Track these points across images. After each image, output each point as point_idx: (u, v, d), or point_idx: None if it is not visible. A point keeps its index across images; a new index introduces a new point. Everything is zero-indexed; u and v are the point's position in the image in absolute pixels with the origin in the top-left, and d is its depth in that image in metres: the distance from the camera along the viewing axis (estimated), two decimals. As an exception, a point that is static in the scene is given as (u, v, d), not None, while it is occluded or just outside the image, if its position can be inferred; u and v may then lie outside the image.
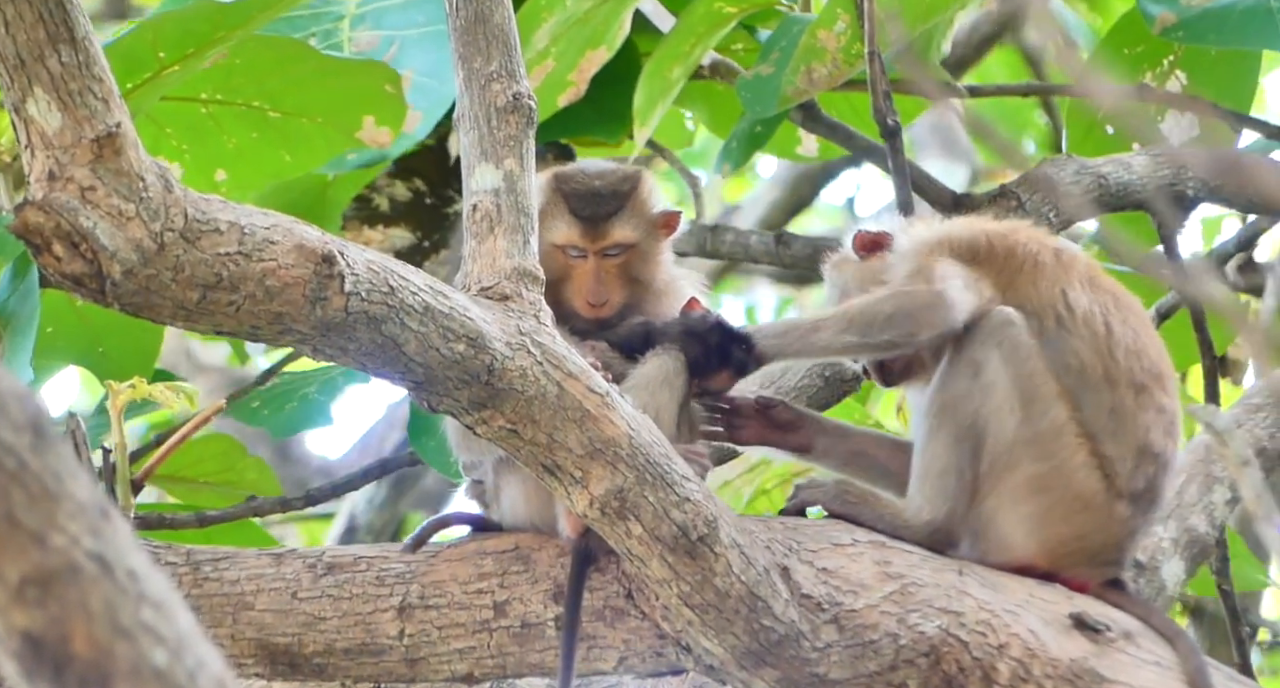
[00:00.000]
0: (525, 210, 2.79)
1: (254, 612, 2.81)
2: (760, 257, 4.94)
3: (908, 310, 2.85)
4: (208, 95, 4.28)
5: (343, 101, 4.31)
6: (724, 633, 2.71)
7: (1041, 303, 2.89)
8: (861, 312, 2.87)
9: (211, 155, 4.33)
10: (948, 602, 2.73)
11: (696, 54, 4.54)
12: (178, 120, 4.28)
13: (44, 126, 2.44)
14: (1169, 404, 2.89)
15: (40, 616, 1.60)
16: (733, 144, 4.57)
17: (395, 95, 4.35)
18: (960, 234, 2.98)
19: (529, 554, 2.86)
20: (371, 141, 4.39)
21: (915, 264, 2.94)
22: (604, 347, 2.92)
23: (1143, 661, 2.64)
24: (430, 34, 4.64)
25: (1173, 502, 3.11)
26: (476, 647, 2.83)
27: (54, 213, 2.44)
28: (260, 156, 4.35)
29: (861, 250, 3.07)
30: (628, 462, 2.67)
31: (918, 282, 2.90)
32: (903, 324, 2.84)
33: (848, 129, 4.70)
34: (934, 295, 2.85)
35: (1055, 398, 2.83)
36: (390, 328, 2.61)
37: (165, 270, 2.51)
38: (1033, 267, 2.92)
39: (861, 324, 2.86)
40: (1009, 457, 2.82)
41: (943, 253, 2.93)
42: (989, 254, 2.94)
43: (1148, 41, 4.44)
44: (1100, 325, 2.87)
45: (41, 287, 3.92)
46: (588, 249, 2.98)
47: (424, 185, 5.09)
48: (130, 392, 3.19)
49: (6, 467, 1.60)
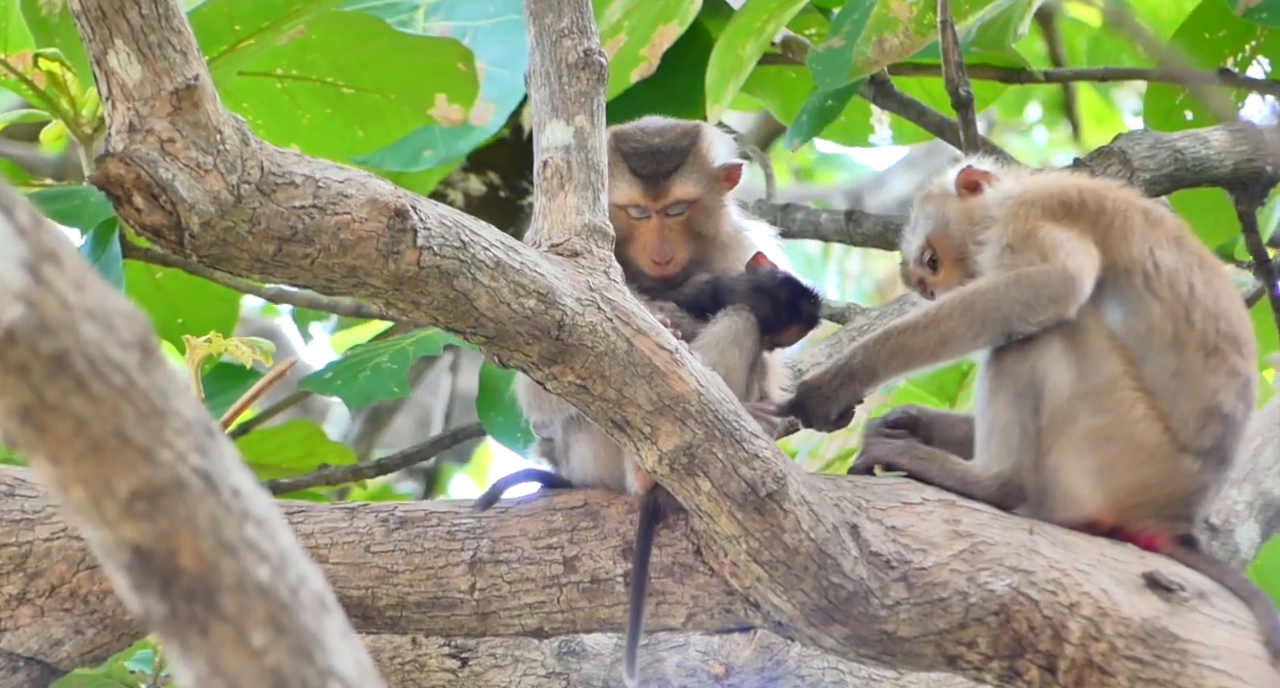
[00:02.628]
0: (596, 167, 2.80)
1: (328, 565, 2.84)
2: (831, 235, 4.93)
3: (1045, 295, 2.77)
4: (283, 70, 4.33)
5: (416, 78, 4.35)
6: (793, 590, 2.71)
7: (1132, 260, 2.86)
8: (986, 300, 2.79)
9: (286, 130, 4.38)
10: (1018, 560, 2.72)
11: (769, 30, 4.54)
12: (253, 95, 4.33)
13: (124, 78, 2.48)
14: (1244, 368, 2.85)
15: (149, 529, 1.63)
16: (803, 118, 4.56)
17: (468, 73, 4.38)
18: (1051, 188, 2.93)
19: (598, 511, 2.87)
20: (444, 119, 4.42)
21: (1016, 229, 2.87)
22: (673, 306, 2.93)
23: (1217, 620, 2.61)
24: (503, 24, 4.66)
25: (1248, 465, 3.07)
26: (546, 602, 2.84)
27: (134, 164, 2.48)
28: (334, 132, 4.40)
29: (963, 188, 3.01)
30: (696, 418, 2.68)
31: (1029, 255, 2.82)
32: (1039, 310, 2.78)
33: (920, 105, 4.69)
34: (1064, 275, 2.78)
35: (1109, 352, 2.81)
36: (462, 283, 2.63)
37: (242, 223, 2.54)
38: (1123, 223, 2.88)
39: (984, 315, 2.79)
40: (1068, 410, 2.79)
41: (1036, 212, 2.88)
42: (1081, 209, 2.89)
43: (1230, 25, 4.38)
44: (1184, 286, 2.84)
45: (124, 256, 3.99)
46: (650, 208, 2.98)
47: (498, 178, 5.12)
48: (206, 347, 3.23)
49: (115, 383, 1.62)
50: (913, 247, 3.03)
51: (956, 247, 2.98)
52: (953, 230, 2.97)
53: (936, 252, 3.00)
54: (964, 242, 2.97)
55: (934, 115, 4.65)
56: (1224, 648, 2.57)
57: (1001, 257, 2.86)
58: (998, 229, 2.90)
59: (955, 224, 2.97)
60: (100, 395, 1.62)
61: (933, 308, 2.86)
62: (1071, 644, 2.64)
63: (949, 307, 2.83)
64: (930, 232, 3.00)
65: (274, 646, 1.62)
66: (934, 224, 3.01)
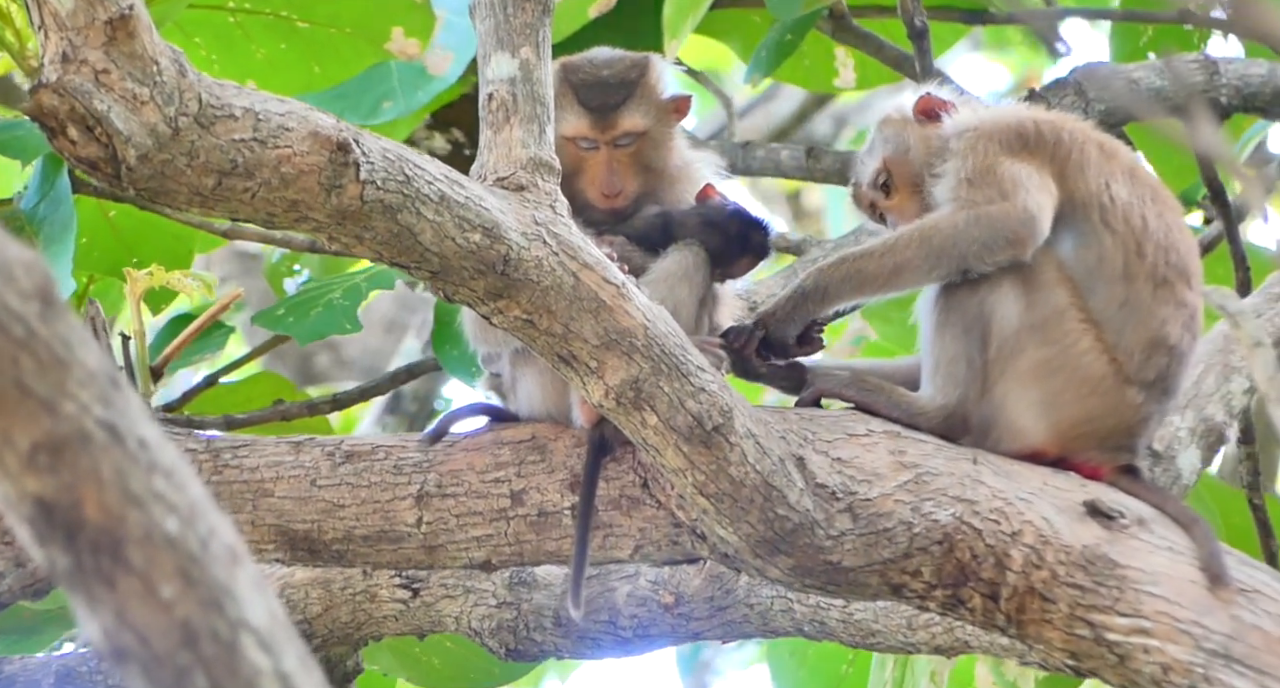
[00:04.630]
0: (541, 100, 2.78)
1: (273, 499, 2.84)
2: (791, 172, 4.92)
3: (1003, 236, 2.77)
4: (235, 4, 4.28)
5: (371, 12, 4.30)
6: (739, 522, 2.73)
7: (1089, 193, 2.86)
8: (944, 235, 2.79)
9: (240, 66, 4.32)
10: (962, 490, 2.73)
11: (727, -36, 4.51)
12: (205, 29, 4.28)
13: (56, 7, 2.44)
14: (1191, 299, 2.87)
15: (51, 482, 1.62)
16: (761, 53, 4.54)
17: (424, 6, 4.33)
18: (1008, 120, 2.92)
19: (545, 444, 2.88)
20: (400, 53, 4.38)
21: (975, 162, 2.85)
22: (622, 240, 2.92)
23: (1155, 546, 2.64)
24: (461, -28, 4.61)
25: (1190, 391, 3.09)
26: (494, 535, 2.85)
27: (68, 95, 2.45)
28: (289, 67, 4.35)
29: (922, 115, 2.99)
30: (643, 352, 2.68)
31: (989, 191, 2.81)
32: (996, 250, 2.78)
33: (878, 39, 4.66)
34: (1024, 216, 2.78)
35: (1058, 285, 2.81)
36: (406, 217, 2.62)
37: (180, 156, 2.52)
38: (1080, 156, 2.88)
39: (941, 249, 2.78)
40: (1015, 342, 2.80)
41: (995, 147, 2.87)
42: (1038, 142, 2.88)
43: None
44: (1137, 219, 2.84)
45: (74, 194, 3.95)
46: (599, 140, 2.96)
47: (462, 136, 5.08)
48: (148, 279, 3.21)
49: (14, 334, 1.60)
50: (868, 168, 3.02)
51: (913, 173, 2.97)
52: (911, 157, 2.96)
53: (892, 176, 2.99)
54: (920, 170, 2.96)
55: (892, 50, 4.63)
56: (1162, 574, 2.59)
57: (959, 189, 2.86)
58: (955, 162, 2.89)
59: (914, 151, 2.96)
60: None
61: (891, 237, 2.86)
62: (1014, 572, 2.67)
63: (907, 238, 2.83)
64: (888, 155, 2.99)
65: (183, 598, 1.61)
66: (892, 148, 3.00)
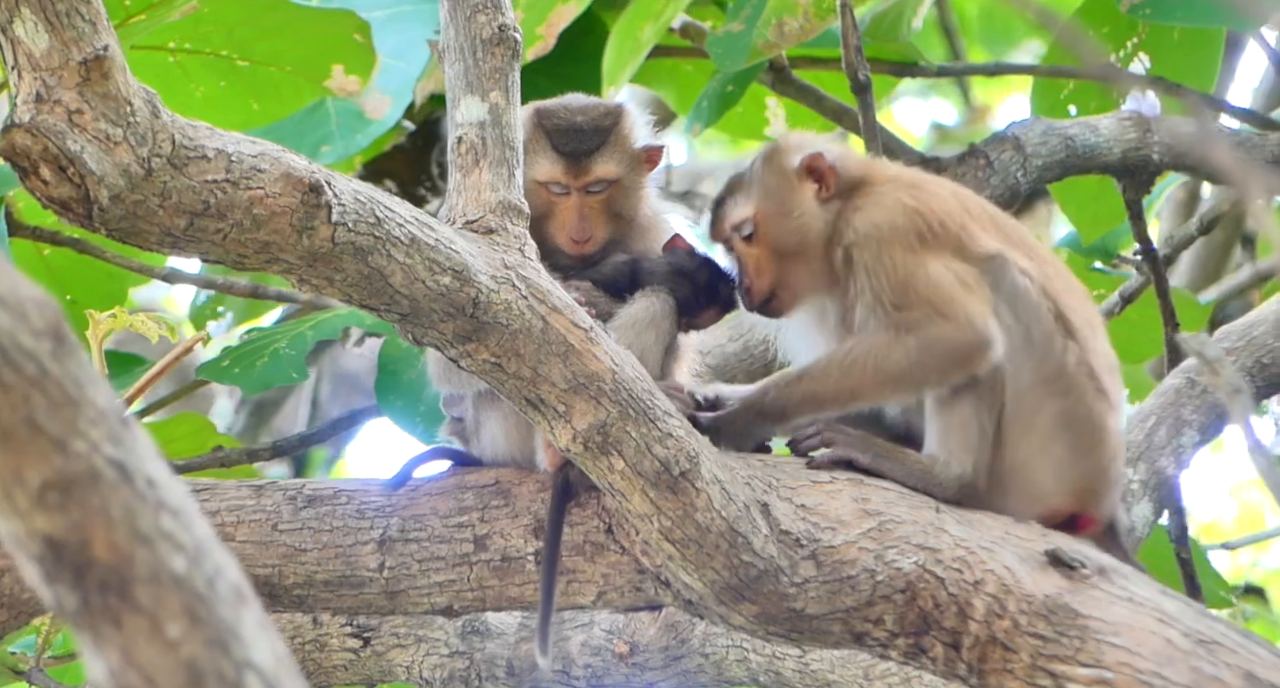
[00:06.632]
0: (510, 144, 2.79)
1: (234, 543, 2.81)
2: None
3: (954, 360, 2.74)
4: (176, 44, 4.26)
5: (312, 50, 4.30)
6: (704, 568, 2.73)
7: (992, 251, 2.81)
8: (897, 364, 2.74)
9: (180, 105, 4.26)
10: (925, 538, 2.76)
11: (668, 14, 4.55)
12: (145, 70, 4.25)
13: (31, 48, 2.42)
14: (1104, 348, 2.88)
15: (61, 520, 1.61)
16: (703, 104, 4.59)
17: (365, 44, 4.33)
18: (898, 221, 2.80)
19: (509, 489, 2.87)
20: (340, 90, 4.37)
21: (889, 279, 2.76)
22: (589, 286, 2.93)
23: (1116, 597, 2.67)
24: (398, 15, 4.63)
25: (1142, 444, 3.14)
26: (456, 580, 2.83)
27: (41, 135, 2.42)
28: (229, 106, 4.33)
29: (806, 174, 2.90)
30: (611, 396, 2.69)
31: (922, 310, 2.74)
32: (952, 373, 2.74)
33: (818, 91, 4.73)
34: (970, 333, 2.73)
35: (1057, 333, 2.80)
36: (376, 259, 2.61)
37: (152, 196, 2.50)
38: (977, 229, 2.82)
39: (896, 377, 2.74)
40: (1032, 397, 2.78)
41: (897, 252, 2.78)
42: (942, 232, 2.81)
43: (1114, 21, 4.47)
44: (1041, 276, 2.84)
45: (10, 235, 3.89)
46: (570, 185, 2.98)
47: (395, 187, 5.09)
48: (111, 321, 3.17)
49: (27, 372, 1.60)
50: (738, 211, 2.91)
51: (783, 235, 2.87)
52: (787, 222, 2.87)
53: (758, 230, 2.90)
54: (792, 238, 2.87)
55: (832, 102, 4.70)
56: (1123, 624, 2.63)
57: (891, 315, 2.79)
58: (864, 277, 2.80)
59: (791, 216, 2.87)
60: (11, 384, 1.59)
61: (843, 357, 2.79)
62: (976, 621, 2.69)
63: (861, 362, 2.78)
64: (762, 209, 2.89)
65: (190, 637, 1.60)
66: (770, 204, 2.90)
